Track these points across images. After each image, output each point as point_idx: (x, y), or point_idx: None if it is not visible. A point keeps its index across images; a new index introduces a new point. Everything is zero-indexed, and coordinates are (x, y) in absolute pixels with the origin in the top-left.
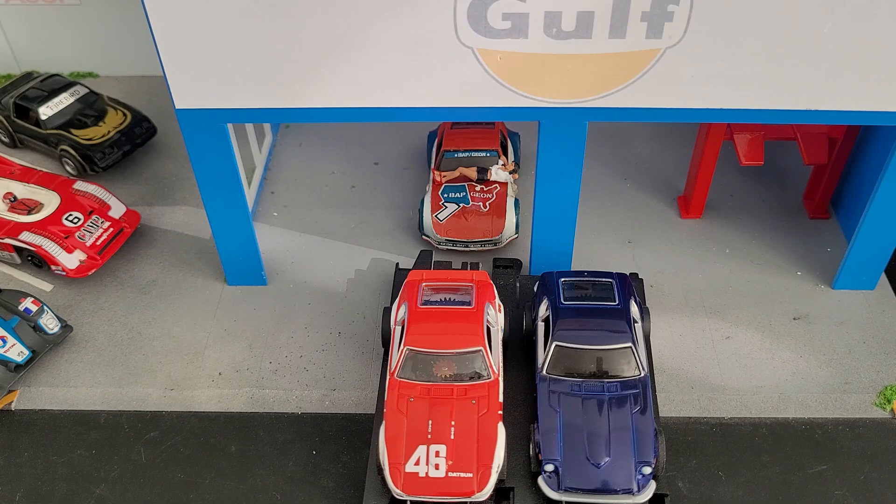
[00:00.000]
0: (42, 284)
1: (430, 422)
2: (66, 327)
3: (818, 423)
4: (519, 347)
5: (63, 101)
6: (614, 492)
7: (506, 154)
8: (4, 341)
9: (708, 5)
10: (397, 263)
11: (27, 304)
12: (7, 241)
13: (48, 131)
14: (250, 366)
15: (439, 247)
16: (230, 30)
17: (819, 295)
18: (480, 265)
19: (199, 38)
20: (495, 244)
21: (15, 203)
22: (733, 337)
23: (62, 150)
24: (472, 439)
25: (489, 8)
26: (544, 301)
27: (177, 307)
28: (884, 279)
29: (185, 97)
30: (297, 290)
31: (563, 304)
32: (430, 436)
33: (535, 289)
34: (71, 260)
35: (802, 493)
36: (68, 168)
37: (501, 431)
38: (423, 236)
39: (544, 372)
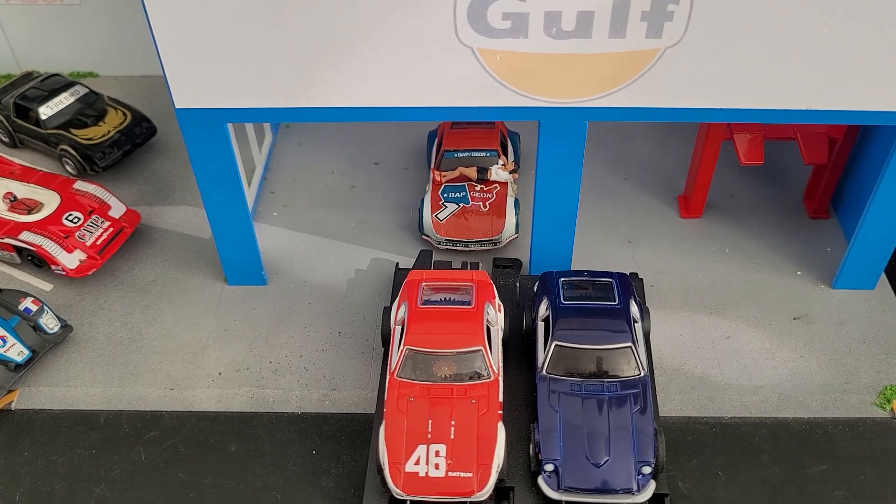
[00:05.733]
0: (42, 284)
1: (430, 421)
2: (66, 327)
3: (818, 423)
4: (519, 347)
5: (63, 100)
6: (614, 491)
7: (506, 154)
8: (4, 341)
9: (708, 5)
10: (397, 263)
11: (27, 303)
12: (7, 240)
13: (48, 131)
14: (250, 365)
15: (439, 246)
16: (230, 30)
17: (819, 295)
18: (480, 265)
19: (199, 38)
20: (495, 244)
21: (15, 203)
22: (733, 337)
23: (62, 149)
24: (472, 439)
25: (489, 7)
26: (544, 301)
27: (177, 307)
28: (884, 279)
29: (185, 97)
30: (297, 289)
31: (563, 303)
32: (429, 435)
33: (535, 288)
34: (71, 260)
35: (802, 493)
36: (68, 168)
37: (501, 431)
38: (423, 236)
39: (544, 371)
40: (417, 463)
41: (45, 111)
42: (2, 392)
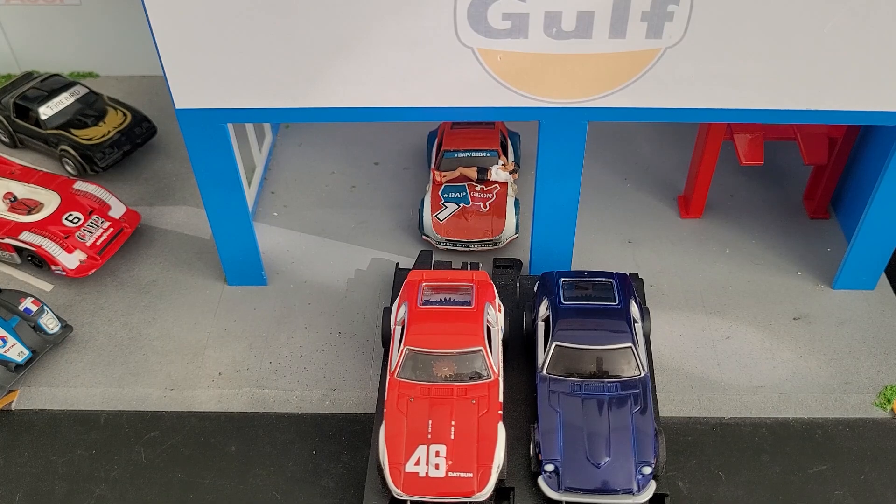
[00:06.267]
0: (42, 284)
1: (430, 422)
2: (66, 327)
3: (818, 423)
4: (519, 347)
5: (63, 101)
6: (614, 492)
7: (506, 154)
8: (4, 341)
9: (708, 5)
10: (397, 263)
11: (27, 304)
12: (7, 241)
13: (48, 131)
14: (250, 366)
15: (439, 247)
16: (230, 30)
17: (819, 295)
18: (480, 265)
19: (199, 38)
20: (495, 244)
21: (15, 203)
22: (733, 337)
23: (62, 150)
24: (473, 439)
25: (489, 8)
26: (544, 301)
27: (177, 307)
28: (884, 279)
29: (185, 97)
30: (297, 290)
31: (563, 304)
32: (430, 436)
33: (535, 289)
34: (71, 260)
35: (802, 493)
36: (68, 168)
37: (501, 431)
38: (424, 236)
39: (544, 372)
40: (418, 463)
41: (45, 111)
42: (2, 392)
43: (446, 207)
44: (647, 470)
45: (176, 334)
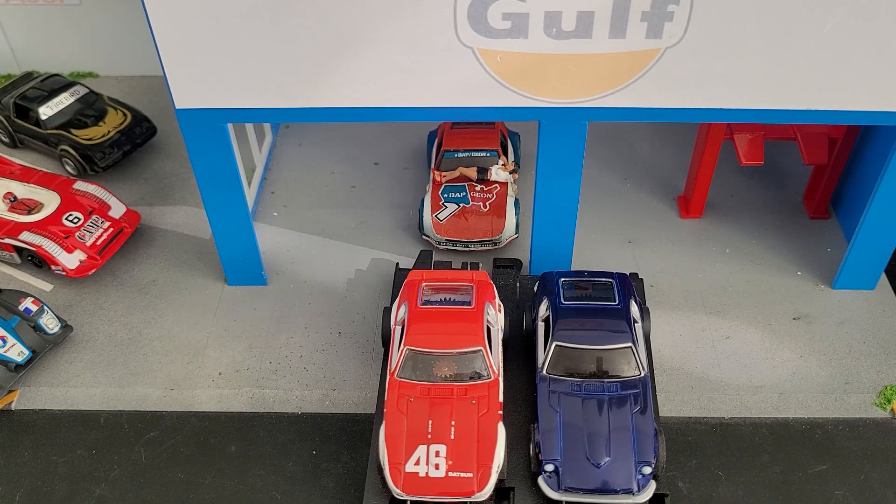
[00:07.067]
0: (42, 284)
1: (430, 422)
2: (66, 327)
3: (818, 423)
4: (519, 347)
5: (63, 101)
6: (614, 492)
7: (506, 154)
8: (4, 341)
9: (708, 5)
10: (397, 263)
11: (27, 303)
12: (7, 241)
13: (48, 131)
14: (250, 366)
15: (439, 247)
16: (230, 30)
17: (819, 295)
18: (480, 265)
19: (199, 38)
20: (495, 244)
21: (15, 203)
22: (733, 337)
23: (62, 150)
24: (473, 439)
25: (489, 8)
26: (544, 301)
27: (177, 307)
28: (884, 279)
29: (185, 97)
30: (297, 290)
31: (563, 303)
32: (430, 436)
33: (535, 289)
34: (71, 260)
35: (802, 493)
36: (68, 168)
37: (501, 431)
38: (424, 236)
39: (544, 372)
40: (417, 463)
41: (45, 111)
42: (2, 392)
43: (446, 207)
44: (647, 470)
45: (176, 334)
